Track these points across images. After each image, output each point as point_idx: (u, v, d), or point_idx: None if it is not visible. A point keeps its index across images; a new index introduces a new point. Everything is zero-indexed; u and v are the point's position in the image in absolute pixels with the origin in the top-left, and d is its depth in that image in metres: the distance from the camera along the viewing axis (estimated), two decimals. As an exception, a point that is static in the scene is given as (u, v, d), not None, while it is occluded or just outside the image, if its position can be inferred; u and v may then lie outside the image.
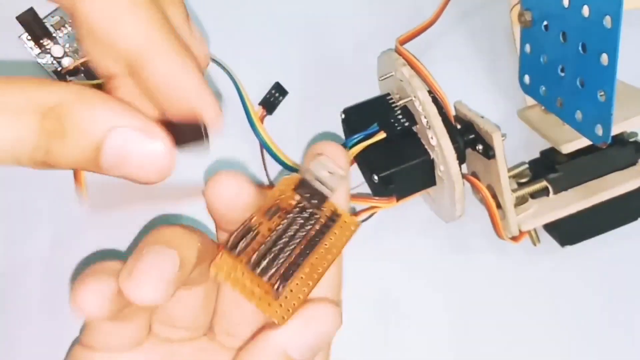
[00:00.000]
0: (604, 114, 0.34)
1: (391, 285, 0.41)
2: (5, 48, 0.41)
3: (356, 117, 0.39)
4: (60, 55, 0.41)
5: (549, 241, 0.41)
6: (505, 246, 0.41)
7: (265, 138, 0.39)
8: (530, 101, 0.41)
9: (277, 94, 0.42)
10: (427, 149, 0.38)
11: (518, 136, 0.42)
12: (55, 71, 0.41)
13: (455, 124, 0.38)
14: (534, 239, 0.41)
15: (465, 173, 0.40)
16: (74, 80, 0.41)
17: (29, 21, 0.40)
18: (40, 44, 0.41)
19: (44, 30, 0.41)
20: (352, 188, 0.41)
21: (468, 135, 0.38)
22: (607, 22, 0.32)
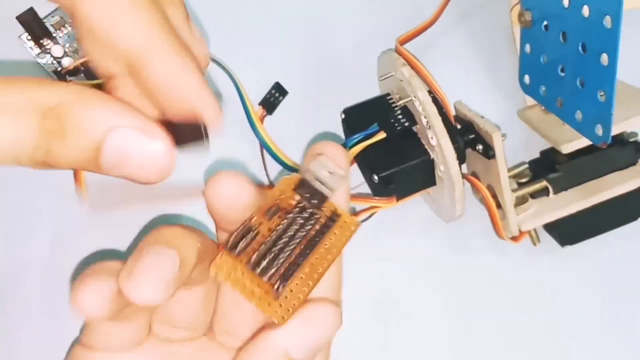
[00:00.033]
0: (604, 114, 0.34)
1: (391, 285, 0.41)
2: (5, 48, 0.41)
3: (356, 117, 0.39)
4: (60, 55, 0.41)
5: (549, 241, 0.41)
6: (505, 246, 0.41)
7: (265, 138, 0.39)
8: (530, 101, 0.41)
9: (277, 94, 0.42)
10: (427, 149, 0.38)
11: (518, 136, 0.42)
12: (55, 71, 0.41)
13: (455, 124, 0.38)
14: (534, 239, 0.41)
15: (465, 173, 0.40)
16: (74, 80, 0.41)
17: (29, 21, 0.40)
18: (40, 44, 0.41)
19: (44, 30, 0.41)
20: (352, 188, 0.41)
21: (468, 135, 0.38)
22: (607, 22, 0.32)
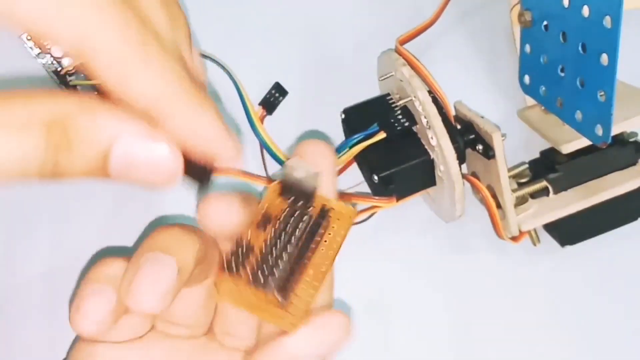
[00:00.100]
0: (604, 114, 0.34)
1: (391, 285, 0.41)
2: (5, 48, 0.41)
3: (356, 117, 0.39)
4: (60, 55, 0.41)
5: (549, 241, 0.41)
6: (505, 246, 0.41)
7: (265, 138, 0.39)
8: (530, 101, 0.41)
9: (277, 94, 0.42)
10: (427, 149, 0.38)
11: (518, 136, 0.42)
12: (55, 71, 0.41)
13: (455, 124, 0.38)
14: (534, 239, 0.41)
15: (465, 173, 0.40)
16: (74, 79, 0.41)
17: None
18: (40, 44, 0.41)
19: (44, 30, 0.41)
20: (352, 187, 0.41)
21: (468, 135, 0.38)
22: (607, 22, 0.32)
